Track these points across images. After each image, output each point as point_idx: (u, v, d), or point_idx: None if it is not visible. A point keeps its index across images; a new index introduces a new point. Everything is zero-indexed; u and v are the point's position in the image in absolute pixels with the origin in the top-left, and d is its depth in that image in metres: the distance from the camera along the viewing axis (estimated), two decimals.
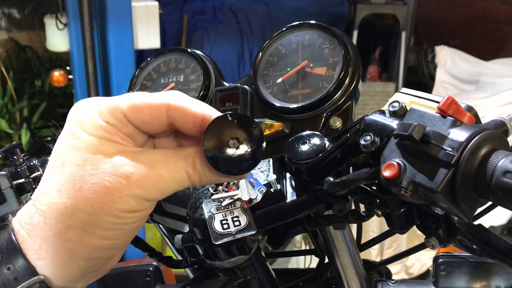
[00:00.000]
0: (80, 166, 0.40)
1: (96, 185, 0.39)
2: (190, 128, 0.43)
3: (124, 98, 0.42)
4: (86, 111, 0.42)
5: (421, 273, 2.55)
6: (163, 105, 0.42)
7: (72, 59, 2.25)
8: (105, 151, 0.40)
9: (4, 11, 3.21)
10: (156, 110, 0.42)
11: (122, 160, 0.40)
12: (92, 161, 0.40)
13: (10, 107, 2.91)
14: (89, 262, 0.41)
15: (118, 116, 0.41)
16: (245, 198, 0.53)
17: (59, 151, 0.42)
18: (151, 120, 0.42)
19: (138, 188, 0.40)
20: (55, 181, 0.41)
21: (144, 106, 0.42)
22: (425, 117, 0.43)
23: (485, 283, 0.71)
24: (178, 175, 0.42)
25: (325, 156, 0.51)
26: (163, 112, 0.42)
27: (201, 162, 0.43)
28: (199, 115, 0.42)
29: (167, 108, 0.42)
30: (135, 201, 0.40)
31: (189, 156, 0.43)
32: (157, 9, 2.19)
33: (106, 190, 0.39)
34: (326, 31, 0.64)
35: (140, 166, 0.40)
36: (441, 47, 3.23)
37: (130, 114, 0.41)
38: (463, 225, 0.47)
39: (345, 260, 0.70)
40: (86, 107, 0.42)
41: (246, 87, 0.65)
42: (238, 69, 3.13)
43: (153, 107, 0.42)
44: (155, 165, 0.41)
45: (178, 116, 0.42)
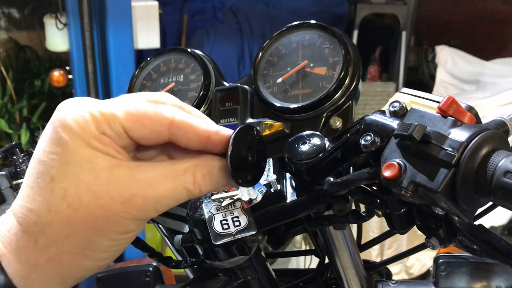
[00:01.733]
0: (72, 184, 0.36)
1: (93, 207, 0.36)
2: (191, 145, 0.40)
3: (122, 105, 0.38)
4: (78, 115, 0.37)
5: (422, 273, 2.55)
6: (167, 121, 0.38)
7: (71, 59, 2.25)
8: (99, 165, 0.37)
9: (4, 11, 3.21)
10: (158, 125, 0.38)
11: (120, 178, 0.37)
12: (86, 179, 0.36)
13: (10, 107, 2.91)
14: (77, 280, 0.39)
15: (116, 128, 0.37)
16: (245, 198, 0.52)
17: (45, 161, 0.37)
18: (152, 136, 0.39)
19: (137, 210, 0.37)
20: (44, 198, 0.36)
21: (146, 120, 0.38)
22: (425, 117, 0.43)
23: (485, 284, 0.71)
24: (177, 192, 0.39)
25: (325, 156, 0.51)
26: (166, 128, 0.39)
27: (202, 175, 0.40)
28: (204, 134, 0.40)
29: (170, 124, 0.39)
30: (133, 223, 0.38)
31: (188, 170, 0.40)
32: (157, 9, 2.19)
33: (104, 213, 0.36)
34: (326, 31, 0.64)
35: (139, 186, 0.37)
36: (442, 47, 3.23)
37: (130, 127, 0.38)
38: (463, 225, 0.47)
39: (345, 261, 0.69)
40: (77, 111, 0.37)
41: (246, 87, 0.65)
42: (238, 69, 3.13)
43: (155, 121, 0.38)
44: (154, 183, 0.38)
45: (181, 134, 0.39)
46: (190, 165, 0.40)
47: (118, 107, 0.38)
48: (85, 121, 0.37)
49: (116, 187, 0.37)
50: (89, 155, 0.36)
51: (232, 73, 3.08)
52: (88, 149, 0.36)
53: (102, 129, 0.37)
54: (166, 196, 0.39)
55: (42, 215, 0.36)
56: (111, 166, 0.37)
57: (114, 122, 0.37)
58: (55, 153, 0.36)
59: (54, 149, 0.36)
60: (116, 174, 0.37)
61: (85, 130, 0.36)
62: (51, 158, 0.36)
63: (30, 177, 0.37)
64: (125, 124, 0.38)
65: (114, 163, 0.37)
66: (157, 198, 0.38)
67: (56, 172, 0.36)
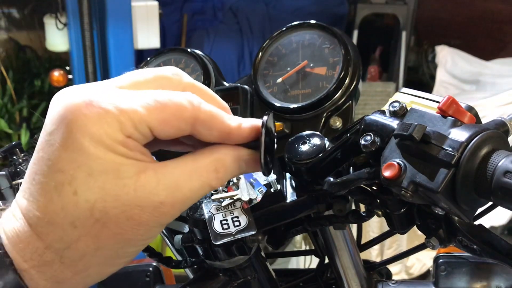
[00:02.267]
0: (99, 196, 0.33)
1: (122, 220, 0.34)
2: (212, 140, 0.39)
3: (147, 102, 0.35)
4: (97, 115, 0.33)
5: (422, 273, 2.55)
6: (192, 118, 0.36)
7: (71, 59, 2.25)
8: (126, 173, 0.34)
9: (4, 11, 3.21)
10: (184, 123, 0.36)
11: (147, 185, 0.35)
12: (113, 190, 0.33)
13: (10, 107, 2.91)
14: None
15: (143, 130, 0.35)
16: (245, 198, 0.52)
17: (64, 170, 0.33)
18: (176, 134, 0.37)
19: (165, 216, 0.36)
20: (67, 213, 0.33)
21: (173, 120, 0.35)
22: (425, 117, 0.43)
23: (485, 284, 0.71)
24: (202, 190, 0.38)
25: (325, 156, 0.51)
26: (190, 125, 0.37)
27: (225, 168, 0.39)
28: (226, 129, 0.38)
29: (194, 121, 0.37)
30: (159, 228, 0.37)
31: (211, 165, 0.38)
32: (157, 9, 2.19)
33: (133, 224, 0.34)
34: (326, 31, 0.64)
35: (167, 192, 0.35)
36: (442, 47, 3.23)
37: (157, 128, 0.35)
38: (463, 225, 0.47)
39: (345, 261, 0.69)
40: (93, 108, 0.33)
41: (246, 87, 0.65)
42: (238, 69, 3.13)
43: (182, 120, 0.36)
44: (180, 185, 0.36)
45: (204, 130, 0.38)
46: (212, 159, 0.38)
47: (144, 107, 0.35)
48: (108, 125, 0.33)
49: (144, 195, 0.34)
50: (115, 162, 0.34)
51: (232, 73, 3.08)
52: (114, 156, 0.33)
53: (128, 133, 0.34)
54: (192, 197, 0.37)
55: (67, 231, 0.33)
56: (138, 172, 0.34)
57: (140, 124, 0.34)
58: (76, 161, 0.33)
59: (74, 156, 0.33)
60: (143, 180, 0.35)
61: (110, 135, 0.33)
62: (72, 168, 0.33)
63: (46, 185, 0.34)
64: (152, 126, 0.35)
65: (140, 168, 0.35)
66: (184, 200, 0.37)
67: (79, 184, 0.33)
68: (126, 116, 0.34)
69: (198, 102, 0.37)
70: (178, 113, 0.36)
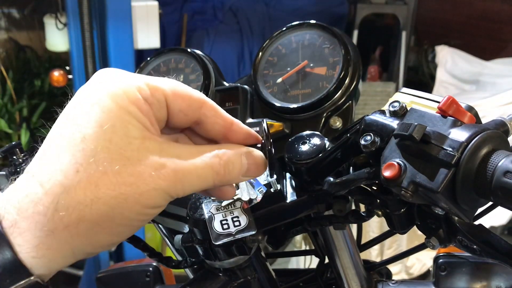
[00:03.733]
0: (105, 146, 0.34)
1: (123, 173, 0.35)
2: (215, 130, 0.42)
3: (165, 80, 0.40)
4: (121, 78, 0.37)
5: (422, 273, 2.55)
6: (201, 101, 0.41)
7: (71, 59, 2.25)
8: (133, 133, 0.36)
9: (4, 11, 3.21)
10: (195, 102, 0.40)
11: (151, 149, 0.36)
12: (119, 143, 0.35)
13: (10, 107, 2.91)
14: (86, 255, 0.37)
15: (159, 97, 0.38)
16: (245, 198, 0.52)
17: (78, 122, 0.35)
18: (187, 111, 0.40)
19: (166, 181, 0.36)
20: (72, 158, 0.34)
21: (186, 95, 0.40)
22: (425, 117, 0.43)
23: (485, 284, 0.71)
24: (205, 172, 0.39)
25: (325, 156, 0.51)
26: (199, 107, 0.41)
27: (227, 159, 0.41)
28: (228, 120, 0.42)
29: (203, 103, 0.41)
30: (160, 196, 0.37)
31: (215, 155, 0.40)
32: (157, 9, 2.19)
33: (134, 180, 0.35)
34: (326, 31, 0.64)
35: (169, 158, 0.37)
36: (442, 47, 3.23)
37: (172, 98, 0.39)
38: (463, 225, 0.47)
39: (345, 261, 0.69)
40: (121, 74, 0.38)
41: (246, 87, 0.65)
42: (238, 69, 3.13)
43: (193, 98, 0.40)
44: (183, 158, 0.38)
45: (210, 116, 0.41)
46: (214, 148, 0.41)
47: (163, 82, 0.39)
48: (128, 86, 0.37)
49: (147, 155, 0.36)
50: (126, 120, 0.36)
51: (232, 73, 3.08)
52: (125, 114, 0.36)
53: (145, 95, 0.37)
54: (194, 172, 0.38)
55: (68, 175, 0.34)
56: (143, 137, 0.36)
57: (157, 91, 0.38)
58: (91, 113, 0.35)
59: (90, 109, 0.35)
60: (147, 144, 0.36)
61: (128, 94, 0.36)
62: (86, 120, 0.35)
63: (56, 136, 0.36)
64: (168, 95, 0.39)
65: (146, 134, 0.37)
66: (186, 173, 0.38)
67: (89, 132, 0.34)
68: (146, 83, 0.38)
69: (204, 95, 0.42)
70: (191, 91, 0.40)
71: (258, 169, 0.44)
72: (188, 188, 0.39)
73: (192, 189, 0.39)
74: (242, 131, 0.43)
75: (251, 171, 0.43)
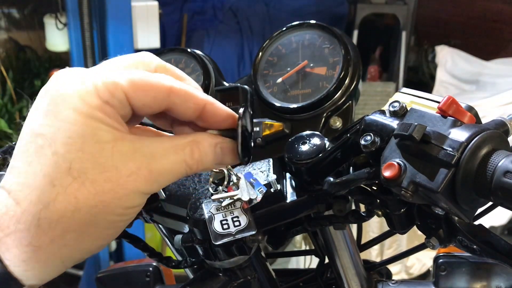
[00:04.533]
0: (77, 157, 0.34)
1: (100, 181, 0.35)
2: (188, 114, 0.40)
3: (123, 73, 0.37)
4: (77, 85, 0.35)
5: (421, 273, 2.55)
6: (167, 89, 0.38)
7: (71, 59, 2.25)
8: (104, 138, 0.35)
9: (4, 11, 3.21)
10: (160, 93, 0.38)
11: (125, 151, 0.36)
12: (91, 151, 0.35)
13: (10, 107, 2.91)
14: (77, 261, 0.38)
15: (119, 95, 0.36)
16: (245, 198, 0.52)
17: (44, 134, 0.34)
18: (152, 104, 0.38)
19: (143, 183, 0.36)
20: (46, 173, 0.34)
21: (148, 87, 0.37)
22: (425, 117, 0.43)
23: (485, 283, 0.71)
24: (178, 166, 0.39)
25: (325, 156, 0.51)
26: (165, 95, 0.38)
27: (201, 151, 0.40)
28: (201, 102, 0.40)
29: (170, 91, 0.38)
30: (138, 196, 0.37)
31: (188, 145, 0.40)
32: (157, 9, 2.19)
33: (111, 187, 0.35)
34: (326, 31, 0.64)
35: (144, 159, 0.37)
36: (442, 47, 3.23)
37: (133, 95, 0.37)
38: (463, 225, 0.47)
39: (345, 260, 0.69)
40: (76, 80, 0.35)
41: (246, 87, 0.65)
42: (238, 69, 3.13)
43: (156, 89, 0.38)
44: (157, 155, 0.38)
45: (180, 102, 0.39)
46: (189, 140, 0.40)
47: (120, 76, 0.37)
48: (87, 92, 0.35)
49: (122, 159, 0.36)
50: (93, 127, 0.35)
51: (232, 73, 3.08)
52: (91, 121, 0.35)
53: (105, 98, 0.35)
54: (168, 169, 0.38)
55: (45, 191, 0.34)
56: (115, 139, 0.36)
57: (116, 90, 0.36)
58: (56, 126, 0.34)
59: (55, 122, 0.34)
60: (120, 147, 0.36)
61: (88, 100, 0.35)
62: (51, 132, 0.34)
63: (26, 152, 0.35)
64: (128, 91, 0.36)
65: (117, 135, 0.36)
66: (161, 171, 0.38)
67: (59, 145, 0.34)
68: (104, 85, 0.35)
69: (158, 62, 0.41)
70: (153, 81, 0.38)
71: (232, 158, 0.42)
72: (163, 183, 0.39)
73: (167, 183, 0.39)
74: (217, 112, 0.41)
75: (225, 160, 0.42)
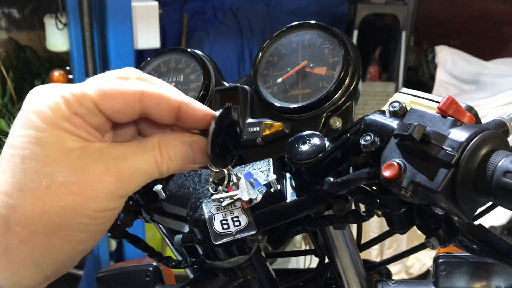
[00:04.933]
0: (44, 162, 0.35)
1: (67, 184, 0.35)
2: (164, 116, 0.40)
3: (92, 84, 0.38)
4: (47, 97, 0.37)
5: (421, 273, 2.55)
6: (137, 93, 0.38)
7: (72, 59, 2.25)
8: (71, 146, 0.36)
9: (4, 11, 3.21)
10: (130, 98, 0.38)
11: (92, 155, 0.37)
12: (58, 157, 0.36)
13: (10, 107, 2.91)
14: (55, 267, 0.38)
15: (87, 105, 0.37)
16: (245, 198, 0.53)
17: (15, 145, 0.36)
18: (124, 110, 0.38)
19: (112, 184, 0.37)
20: (15, 179, 0.35)
21: (117, 93, 0.38)
22: (425, 117, 0.43)
23: (485, 283, 0.71)
24: (149, 166, 0.39)
25: (325, 156, 0.51)
26: (137, 100, 0.38)
27: (169, 151, 0.40)
28: (176, 102, 0.40)
29: (141, 95, 0.38)
30: (109, 198, 0.37)
31: (155, 145, 0.40)
32: (157, 9, 2.19)
33: (79, 189, 0.36)
34: (326, 31, 0.64)
35: (111, 160, 0.37)
36: (441, 47, 3.23)
37: (101, 103, 0.37)
38: (463, 225, 0.47)
39: (345, 260, 0.69)
40: (46, 93, 0.37)
41: (246, 87, 0.65)
42: (238, 69, 3.13)
43: (126, 94, 0.38)
44: (126, 158, 0.38)
45: (153, 105, 0.39)
46: (156, 140, 0.40)
47: (89, 87, 0.38)
48: (55, 103, 0.36)
49: (89, 161, 0.36)
50: (59, 136, 0.36)
51: (232, 73, 3.08)
52: (58, 130, 0.36)
53: (73, 109, 0.37)
54: (139, 169, 0.38)
55: (13, 195, 0.35)
56: (82, 147, 0.37)
57: (84, 100, 0.37)
58: (25, 135, 0.36)
59: (25, 132, 0.36)
60: (87, 152, 0.37)
61: (55, 111, 0.36)
62: (22, 141, 0.36)
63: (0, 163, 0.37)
64: (96, 100, 0.37)
65: (85, 144, 0.37)
66: (131, 171, 0.38)
67: (27, 153, 0.35)
68: (73, 96, 0.37)
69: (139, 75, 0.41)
70: (123, 88, 0.38)
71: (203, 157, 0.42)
72: (135, 184, 0.39)
73: (140, 184, 0.39)
74: (193, 112, 0.41)
75: (197, 159, 0.42)
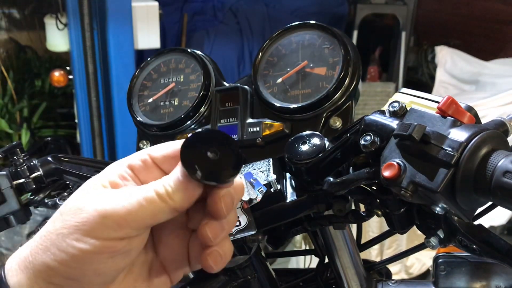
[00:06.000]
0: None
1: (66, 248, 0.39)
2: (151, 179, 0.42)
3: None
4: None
5: (421, 273, 2.55)
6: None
7: (72, 59, 2.25)
8: None
9: (4, 11, 3.21)
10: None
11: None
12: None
13: (10, 107, 2.91)
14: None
15: None
16: (245, 198, 0.53)
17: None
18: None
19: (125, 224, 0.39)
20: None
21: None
22: (425, 117, 0.43)
23: (485, 283, 0.71)
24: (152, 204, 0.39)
25: (325, 156, 0.51)
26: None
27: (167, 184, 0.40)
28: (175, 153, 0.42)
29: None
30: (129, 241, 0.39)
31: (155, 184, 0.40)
32: (157, 9, 2.19)
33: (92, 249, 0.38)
34: (326, 31, 0.64)
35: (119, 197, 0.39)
36: (441, 47, 3.23)
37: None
38: (463, 225, 0.47)
39: (345, 260, 0.69)
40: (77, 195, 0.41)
41: (246, 87, 0.65)
42: (238, 69, 3.13)
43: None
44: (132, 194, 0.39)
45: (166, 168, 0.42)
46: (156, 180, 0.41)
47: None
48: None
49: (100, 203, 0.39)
50: None
51: (232, 73, 3.08)
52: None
53: None
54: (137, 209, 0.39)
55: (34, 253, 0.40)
56: None
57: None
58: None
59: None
60: None
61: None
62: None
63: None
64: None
65: None
66: (130, 211, 0.38)
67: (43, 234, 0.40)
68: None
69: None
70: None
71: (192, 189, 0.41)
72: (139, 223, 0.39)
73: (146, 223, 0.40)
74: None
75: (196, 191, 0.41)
